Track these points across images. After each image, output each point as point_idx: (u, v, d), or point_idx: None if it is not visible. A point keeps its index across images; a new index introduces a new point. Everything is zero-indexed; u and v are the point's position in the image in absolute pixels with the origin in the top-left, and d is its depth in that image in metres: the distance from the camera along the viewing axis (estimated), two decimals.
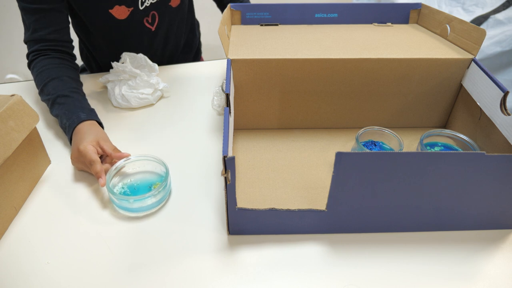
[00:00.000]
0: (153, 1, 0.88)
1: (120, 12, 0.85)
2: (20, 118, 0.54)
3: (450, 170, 0.43)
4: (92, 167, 0.58)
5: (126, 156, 0.60)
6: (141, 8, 0.87)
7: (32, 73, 0.76)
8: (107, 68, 0.88)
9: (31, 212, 0.55)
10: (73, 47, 0.82)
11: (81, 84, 0.77)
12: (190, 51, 1.10)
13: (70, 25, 0.85)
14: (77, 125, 0.65)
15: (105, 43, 0.93)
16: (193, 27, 1.08)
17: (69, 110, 0.68)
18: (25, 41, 0.77)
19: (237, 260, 0.48)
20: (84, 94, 0.75)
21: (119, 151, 0.63)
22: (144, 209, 0.54)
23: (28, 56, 0.77)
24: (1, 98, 0.54)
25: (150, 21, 0.91)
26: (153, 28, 0.93)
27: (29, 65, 0.77)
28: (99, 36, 0.91)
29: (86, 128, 0.64)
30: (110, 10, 0.84)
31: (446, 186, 0.45)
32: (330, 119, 0.71)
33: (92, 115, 0.68)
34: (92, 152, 0.58)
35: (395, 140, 0.63)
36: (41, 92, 0.73)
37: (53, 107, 0.70)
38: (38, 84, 0.74)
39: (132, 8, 0.86)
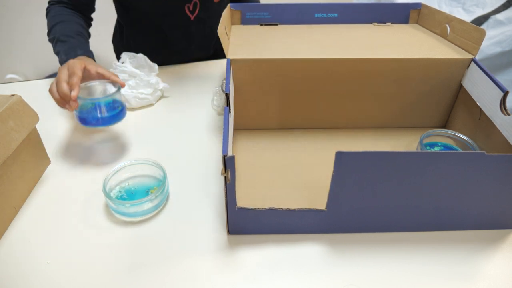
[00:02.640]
0: None
1: None
2: (20, 118, 0.54)
3: (450, 170, 0.43)
4: (70, 79, 0.59)
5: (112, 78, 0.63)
6: None
7: (47, 18, 0.81)
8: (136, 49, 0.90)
9: (31, 212, 0.55)
10: (92, 10, 0.87)
11: (87, 32, 0.82)
12: (215, 49, 1.09)
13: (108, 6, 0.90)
14: (73, 58, 0.68)
15: (143, 30, 0.96)
16: None
17: (69, 47, 0.72)
18: None
19: (237, 260, 0.48)
20: (87, 39, 0.79)
21: (108, 74, 0.64)
22: (141, 213, 0.53)
23: (48, 3, 0.82)
24: (1, 98, 0.54)
25: (191, 8, 0.92)
26: (192, 17, 0.94)
27: (46, 14, 0.81)
28: (138, 22, 0.94)
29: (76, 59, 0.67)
30: None
31: (446, 186, 0.45)
32: (330, 119, 0.71)
33: (89, 55, 0.72)
34: (71, 76, 0.59)
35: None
36: (48, 33, 0.78)
37: (56, 44, 0.74)
38: (48, 26, 0.78)
39: None
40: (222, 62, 1.01)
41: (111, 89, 0.64)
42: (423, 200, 0.47)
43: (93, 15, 0.89)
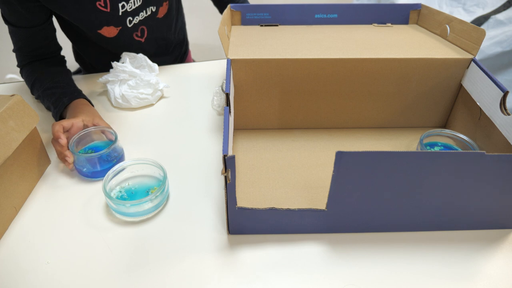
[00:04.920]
0: (141, 18, 0.88)
1: (109, 31, 0.86)
2: (20, 118, 0.54)
3: (450, 170, 0.43)
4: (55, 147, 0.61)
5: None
6: (129, 26, 0.88)
7: (23, 79, 0.82)
8: (102, 69, 0.90)
9: (31, 212, 0.55)
10: (60, 51, 0.85)
11: (65, 71, 0.82)
12: (179, 51, 1.11)
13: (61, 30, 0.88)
14: (62, 112, 0.71)
15: (96, 52, 0.95)
16: (182, 27, 1.08)
17: (56, 99, 0.73)
18: (13, 51, 0.82)
19: (237, 259, 0.48)
20: (68, 79, 0.79)
21: (95, 123, 0.66)
22: (141, 213, 0.53)
23: (18, 66, 0.83)
24: (1, 98, 0.54)
25: (139, 35, 0.92)
26: (142, 40, 0.94)
27: (20, 74, 0.83)
28: (91, 46, 0.93)
29: (69, 111, 0.70)
30: (99, 31, 0.85)
31: (446, 186, 0.45)
32: (330, 119, 0.71)
33: (74, 96, 0.73)
34: (55, 131, 0.60)
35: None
36: (32, 93, 0.79)
37: (44, 101, 0.75)
38: (29, 87, 0.80)
39: (120, 27, 0.86)
40: (222, 62, 1.01)
41: (108, 134, 0.66)
42: (423, 200, 0.47)
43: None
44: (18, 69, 0.85)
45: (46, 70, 0.79)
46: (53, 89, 0.75)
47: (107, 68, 0.85)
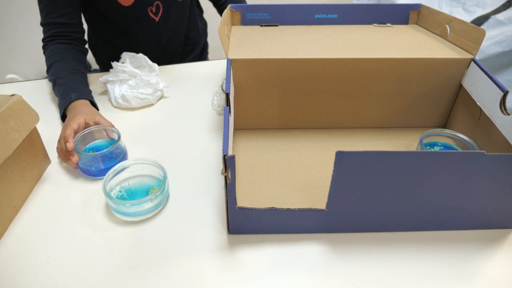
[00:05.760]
0: None
1: None
2: (20, 118, 0.54)
3: (450, 170, 0.43)
4: (63, 131, 0.63)
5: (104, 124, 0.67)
6: None
7: (45, 57, 0.83)
8: (111, 54, 0.95)
9: (31, 212, 0.55)
10: (83, 31, 0.87)
11: (83, 66, 0.84)
12: (193, 49, 1.11)
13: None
14: (68, 105, 0.72)
15: (110, 31, 0.97)
16: (195, 24, 1.09)
17: (65, 91, 0.75)
18: (41, 24, 0.84)
19: (237, 259, 0.48)
20: (82, 74, 0.81)
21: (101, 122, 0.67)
22: (141, 213, 0.53)
23: (43, 41, 0.84)
24: (1, 98, 0.54)
25: (154, 11, 0.93)
26: (156, 19, 0.95)
27: (43, 50, 0.84)
28: (104, 24, 0.95)
29: (75, 108, 0.71)
30: None
31: (446, 186, 0.45)
32: (330, 119, 0.71)
33: (83, 95, 0.74)
34: (66, 135, 0.62)
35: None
36: (47, 73, 0.82)
37: (54, 88, 0.78)
38: (46, 65, 0.82)
39: None
40: (222, 62, 1.01)
41: (110, 132, 0.67)
42: (423, 200, 0.47)
43: None
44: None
45: (68, 57, 0.81)
46: (65, 79, 0.77)
47: (115, 53, 0.88)
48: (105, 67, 1.01)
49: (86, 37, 0.89)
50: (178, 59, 1.08)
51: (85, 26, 0.96)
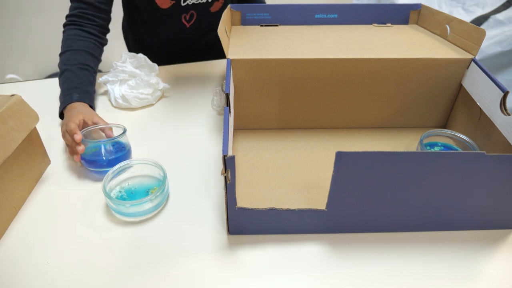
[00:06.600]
0: (195, 2, 0.92)
1: (163, 2, 0.90)
2: (20, 118, 0.54)
3: (450, 170, 0.43)
4: (67, 132, 0.62)
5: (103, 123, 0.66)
6: (182, 4, 0.91)
7: (62, 37, 0.81)
8: (142, 45, 1.02)
9: (31, 212, 0.55)
10: (109, 20, 0.87)
11: (96, 61, 0.82)
12: (209, 51, 1.13)
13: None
14: (67, 104, 0.71)
15: (143, 31, 1.01)
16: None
17: (68, 88, 0.74)
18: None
19: (237, 260, 0.48)
20: (93, 70, 0.80)
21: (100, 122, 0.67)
22: (141, 213, 0.53)
23: (66, 17, 0.82)
24: (1, 98, 0.54)
25: (187, 18, 0.96)
26: (188, 25, 0.97)
27: (63, 29, 0.82)
28: (140, 23, 0.99)
29: (74, 108, 0.70)
30: None
31: (446, 186, 0.45)
32: (330, 119, 0.71)
33: (84, 98, 0.73)
34: (72, 128, 0.61)
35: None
36: (59, 58, 0.79)
37: (60, 78, 0.77)
38: (61, 50, 0.80)
39: (174, 2, 0.90)
40: (222, 62, 1.01)
41: (108, 132, 0.67)
42: (423, 200, 0.47)
43: None
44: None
45: (82, 48, 0.79)
46: (72, 73, 0.76)
47: (146, 50, 0.91)
48: (133, 49, 1.09)
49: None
50: (197, 58, 1.10)
51: (120, 15, 1.01)
